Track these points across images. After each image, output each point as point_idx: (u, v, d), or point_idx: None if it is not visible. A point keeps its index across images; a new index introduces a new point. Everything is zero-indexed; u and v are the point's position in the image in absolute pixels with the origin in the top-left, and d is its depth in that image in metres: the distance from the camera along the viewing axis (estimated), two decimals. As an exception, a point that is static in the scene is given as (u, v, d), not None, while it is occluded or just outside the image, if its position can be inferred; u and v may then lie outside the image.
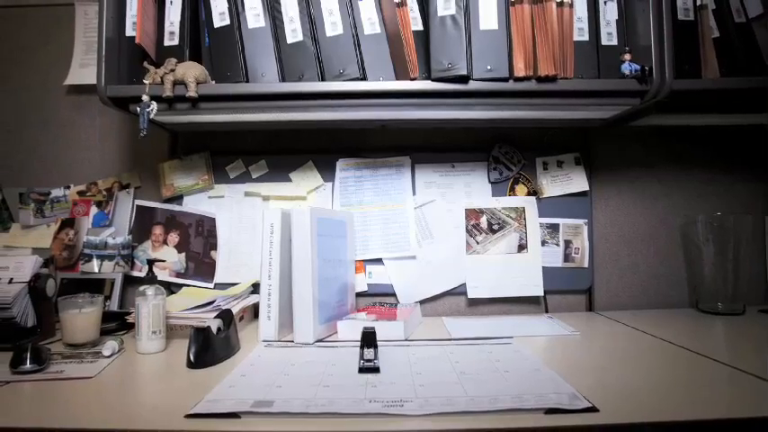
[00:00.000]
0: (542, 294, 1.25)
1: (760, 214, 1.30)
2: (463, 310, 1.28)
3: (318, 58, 1.03)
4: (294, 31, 1.03)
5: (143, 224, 1.28)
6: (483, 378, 0.72)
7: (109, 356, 0.86)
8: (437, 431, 0.57)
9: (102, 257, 1.23)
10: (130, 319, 1.00)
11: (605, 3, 1.05)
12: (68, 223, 1.28)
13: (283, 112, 1.06)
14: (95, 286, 1.22)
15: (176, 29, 1.06)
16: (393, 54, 1.02)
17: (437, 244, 1.27)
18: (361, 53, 1.02)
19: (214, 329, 0.87)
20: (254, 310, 1.18)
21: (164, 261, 1.25)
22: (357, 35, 1.02)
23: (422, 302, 1.26)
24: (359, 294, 1.25)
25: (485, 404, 0.61)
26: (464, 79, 0.98)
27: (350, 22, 1.02)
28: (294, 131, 1.29)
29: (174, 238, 1.27)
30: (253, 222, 1.27)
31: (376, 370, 0.76)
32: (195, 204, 1.29)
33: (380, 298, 1.26)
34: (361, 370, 0.76)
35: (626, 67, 0.98)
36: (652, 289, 1.30)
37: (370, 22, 1.02)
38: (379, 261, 1.27)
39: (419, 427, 0.58)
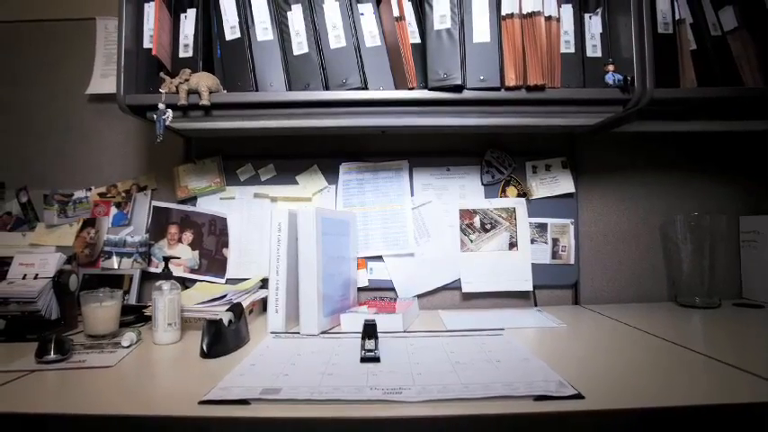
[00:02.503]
0: (531, 289, 1.25)
1: (734, 214, 1.30)
2: (458, 304, 1.28)
3: (323, 69, 1.03)
4: (300, 44, 1.03)
5: (159, 224, 1.28)
6: (476, 367, 0.72)
7: (127, 347, 0.86)
8: (433, 417, 0.57)
9: (121, 255, 1.24)
10: (147, 312, 1.00)
11: (590, 17, 1.05)
12: (90, 223, 1.28)
13: (290, 120, 1.05)
14: (115, 281, 1.21)
15: (190, 41, 1.06)
16: (392, 65, 1.02)
17: (433, 242, 1.27)
18: (362, 64, 1.02)
19: (225, 322, 0.87)
20: (263, 304, 1.18)
21: (179, 258, 1.25)
22: (359, 47, 1.02)
23: (419, 297, 1.26)
24: (360, 289, 1.25)
25: (478, 391, 0.61)
26: (459, 89, 0.98)
27: (352, 35, 1.02)
28: (300, 137, 1.29)
29: (188, 236, 1.27)
30: (262, 222, 1.27)
31: (376, 359, 0.76)
32: (208, 205, 1.29)
33: (381, 292, 1.26)
34: (363, 359, 0.76)
35: (609, 78, 0.98)
36: (634, 284, 1.30)
37: (371, 36, 1.02)
38: (379, 258, 1.27)
39: (417, 413, 0.57)
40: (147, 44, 1.04)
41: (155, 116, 0.99)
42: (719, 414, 0.58)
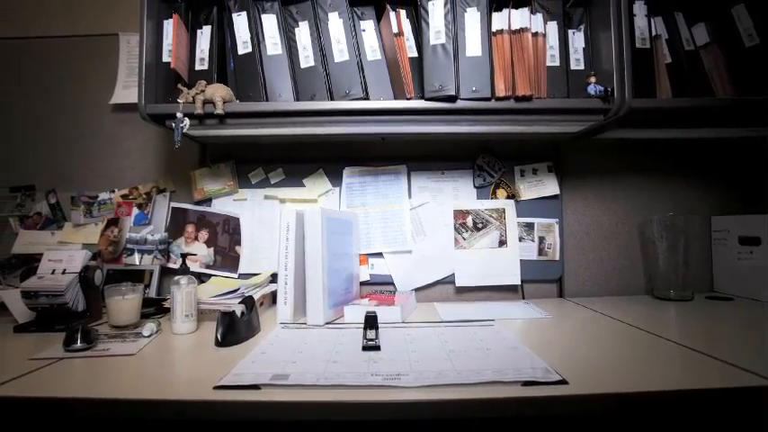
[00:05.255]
0: (519, 283, 1.25)
1: (706, 215, 1.30)
2: (452, 297, 1.28)
3: (328, 81, 1.03)
4: (307, 58, 1.03)
5: (177, 223, 1.28)
6: (469, 355, 0.72)
7: (148, 336, 0.87)
8: (429, 401, 0.57)
9: (142, 252, 1.24)
10: (166, 305, 1.00)
11: (574, 33, 1.05)
12: (113, 222, 1.28)
13: (297, 127, 1.05)
14: (136, 276, 1.22)
15: (206, 55, 1.06)
16: (392, 77, 1.02)
17: (430, 240, 1.27)
18: (364, 76, 1.02)
19: (238, 313, 0.87)
20: (273, 297, 1.18)
21: (195, 255, 1.25)
22: (361, 61, 1.02)
23: (416, 290, 1.26)
24: (362, 283, 1.25)
25: (470, 377, 0.61)
26: (453, 99, 0.98)
27: (355, 50, 1.02)
28: (307, 144, 1.29)
29: (203, 235, 1.27)
30: (271, 222, 1.27)
31: (377, 348, 0.76)
32: (222, 206, 1.29)
33: (381, 286, 1.26)
34: (365, 348, 0.76)
35: (591, 89, 0.98)
36: (614, 278, 1.30)
37: (372, 50, 1.02)
38: (379, 255, 1.27)
39: (414, 397, 0.58)
40: (165, 58, 1.05)
41: (173, 124, 0.99)
42: (692, 398, 0.58)
